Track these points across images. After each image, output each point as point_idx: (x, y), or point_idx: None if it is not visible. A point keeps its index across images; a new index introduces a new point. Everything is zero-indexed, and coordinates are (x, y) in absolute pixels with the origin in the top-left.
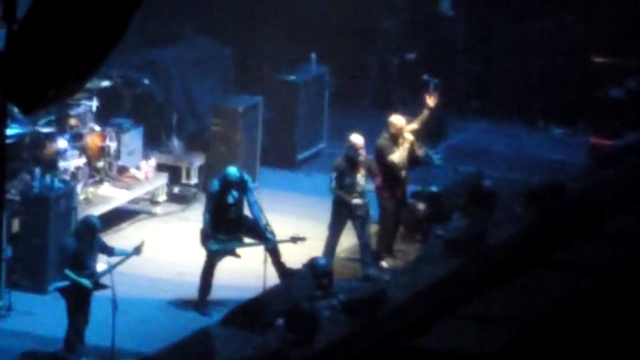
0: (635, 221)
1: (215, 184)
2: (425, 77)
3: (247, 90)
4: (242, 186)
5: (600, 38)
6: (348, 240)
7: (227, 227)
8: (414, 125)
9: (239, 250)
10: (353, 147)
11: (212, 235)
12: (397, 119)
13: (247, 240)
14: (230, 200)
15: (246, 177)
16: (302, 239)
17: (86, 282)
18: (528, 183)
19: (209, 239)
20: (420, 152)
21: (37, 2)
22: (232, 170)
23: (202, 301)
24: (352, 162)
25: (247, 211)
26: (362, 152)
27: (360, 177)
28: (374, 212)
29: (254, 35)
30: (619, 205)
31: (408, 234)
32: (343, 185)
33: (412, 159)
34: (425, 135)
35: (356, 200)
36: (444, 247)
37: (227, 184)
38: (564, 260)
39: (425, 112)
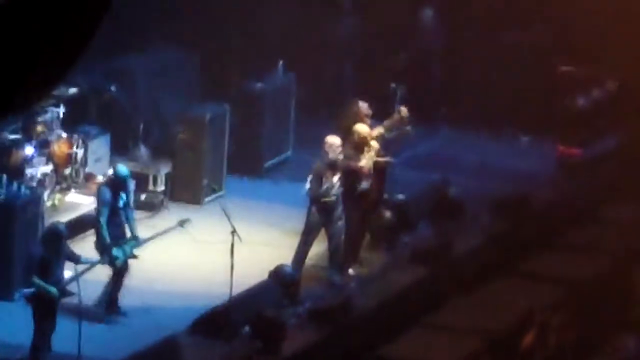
0: (601, 231)
1: (106, 192)
2: (392, 85)
3: (213, 98)
4: (127, 186)
5: (566, 47)
6: (315, 247)
7: (120, 231)
8: (380, 129)
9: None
10: (332, 148)
11: (112, 245)
12: (361, 127)
13: (142, 238)
14: (121, 204)
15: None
16: (187, 221)
17: (53, 289)
18: (494, 192)
19: (111, 248)
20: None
21: (2, 9)
22: (122, 170)
23: (113, 303)
24: (332, 165)
25: None
26: (340, 152)
27: (337, 180)
28: None
29: (220, 43)
30: (585, 215)
31: (374, 242)
32: (321, 189)
33: (377, 167)
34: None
35: (334, 204)
36: (410, 255)
37: (118, 187)
38: (530, 270)
39: (395, 118)
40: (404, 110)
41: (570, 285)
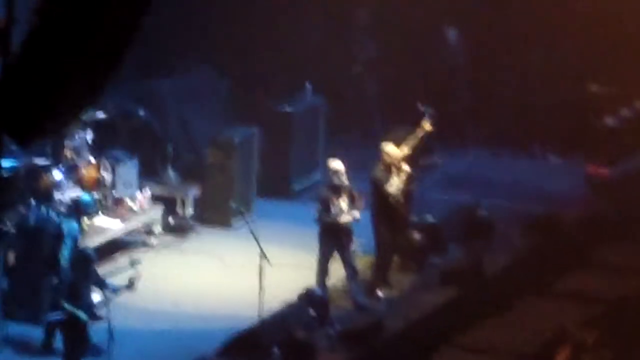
0: (632, 250)
1: (75, 227)
2: (419, 106)
3: (242, 121)
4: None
5: (595, 67)
6: (344, 269)
7: None
8: (405, 151)
9: None
10: (337, 174)
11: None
12: (392, 149)
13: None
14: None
15: None
16: (137, 261)
17: (82, 314)
18: (524, 212)
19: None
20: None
21: (33, 34)
22: (87, 199)
23: None
24: (336, 189)
25: None
26: (345, 177)
27: (344, 205)
28: (368, 242)
29: (249, 65)
30: (616, 234)
31: (404, 264)
32: (330, 214)
33: (406, 192)
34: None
35: (345, 226)
36: (440, 276)
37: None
38: (562, 289)
39: (418, 136)
40: (426, 124)
41: (603, 304)
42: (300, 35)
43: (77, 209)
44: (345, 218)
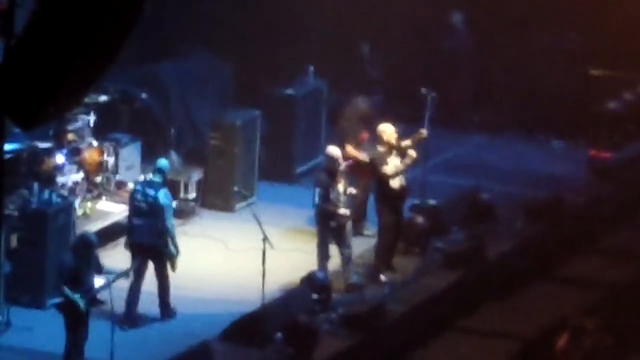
0: (634, 235)
1: (169, 195)
2: (423, 91)
3: (245, 104)
4: None
5: (598, 51)
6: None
7: None
8: (408, 142)
9: None
10: (332, 159)
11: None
12: (386, 127)
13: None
14: None
15: None
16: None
17: (80, 301)
18: (527, 196)
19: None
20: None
21: (35, 17)
22: (165, 163)
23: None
24: (332, 174)
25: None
26: (341, 162)
27: (342, 188)
28: (372, 224)
29: (252, 49)
30: (618, 219)
31: (407, 248)
32: (328, 198)
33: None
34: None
35: (343, 211)
36: (443, 260)
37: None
38: (564, 274)
39: (416, 137)
40: (422, 135)
41: (604, 289)
42: (302, 18)
43: (164, 176)
44: (343, 210)
